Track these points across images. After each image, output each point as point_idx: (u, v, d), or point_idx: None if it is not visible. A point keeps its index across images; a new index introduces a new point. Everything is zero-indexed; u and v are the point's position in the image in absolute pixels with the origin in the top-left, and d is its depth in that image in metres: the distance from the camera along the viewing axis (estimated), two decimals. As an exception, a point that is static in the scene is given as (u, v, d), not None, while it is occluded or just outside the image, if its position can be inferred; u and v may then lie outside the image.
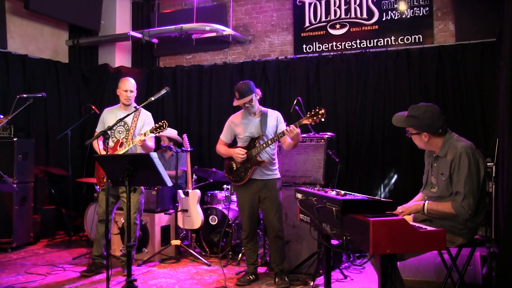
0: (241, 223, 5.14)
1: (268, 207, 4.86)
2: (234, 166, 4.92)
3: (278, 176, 4.96)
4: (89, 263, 5.42)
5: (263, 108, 4.97)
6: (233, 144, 5.12)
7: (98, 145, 5.37)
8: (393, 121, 3.69)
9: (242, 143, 4.94)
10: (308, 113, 4.45)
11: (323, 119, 4.37)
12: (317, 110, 4.38)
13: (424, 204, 3.36)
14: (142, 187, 5.44)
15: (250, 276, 4.94)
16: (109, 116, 5.44)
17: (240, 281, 4.89)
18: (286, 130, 4.51)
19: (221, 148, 5.04)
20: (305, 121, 4.45)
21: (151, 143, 5.31)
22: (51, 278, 5.22)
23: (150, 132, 4.99)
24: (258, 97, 4.89)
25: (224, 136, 5.06)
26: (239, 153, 4.79)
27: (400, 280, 3.28)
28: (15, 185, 5.73)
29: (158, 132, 4.98)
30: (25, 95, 4.83)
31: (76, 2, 7.85)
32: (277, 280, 4.85)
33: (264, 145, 4.70)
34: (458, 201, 3.27)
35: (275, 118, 4.92)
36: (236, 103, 4.83)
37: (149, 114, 5.51)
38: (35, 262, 5.93)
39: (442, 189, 3.43)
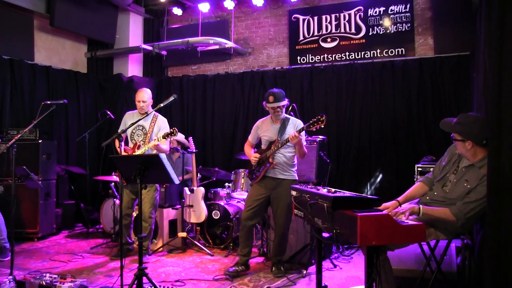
0: (242, 212, 4.97)
1: (277, 206, 4.79)
2: (253, 167, 4.91)
3: (294, 178, 4.83)
4: (118, 249, 5.45)
5: (286, 116, 4.88)
6: (258, 145, 5.10)
7: (118, 147, 5.37)
8: (440, 125, 3.45)
9: (263, 145, 4.92)
10: (311, 120, 4.32)
11: (322, 126, 4.25)
12: (319, 117, 4.25)
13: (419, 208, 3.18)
14: (158, 186, 5.45)
15: (240, 267, 4.78)
16: (128, 119, 5.49)
17: (228, 271, 4.72)
18: (289, 137, 4.46)
19: (246, 149, 5.08)
20: (306, 128, 4.35)
21: (165, 146, 5.33)
22: (72, 264, 5.25)
23: (163, 138, 5.01)
24: (285, 105, 4.84)
25: (251, 137, 5.06)
26: (253, 157, 4.85)
27: (390, 269, 3.26)
28: (40, 182, 5.74)
29: (170, 138, 5.01)
30: (48, 102, 4.81)
31: (94, 18, 7.88)
32: (273, 269, 4.83)
33: (275, 148, 4.67)
34: (459, 204, 3.15)
35: (294, 126, 4.80)
36: (270, 105, 4.71)
37: (165, 120, 5.51)
38: (57, 250, 5.95)
39: (458, 194, 3.25)
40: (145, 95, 5.40)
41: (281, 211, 4.77)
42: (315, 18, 7.62)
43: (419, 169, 5.65)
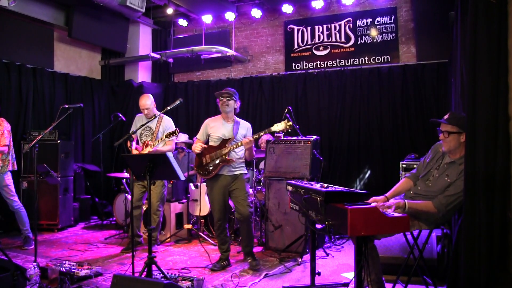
0: (214, 214, 4.72)
1: (237, 197, 4.59)
2: (204, 161, 4.59)
3: (245, 172, 4.71)
4: (129, 240, 5.43)
5: (236, 118, 4.74)
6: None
7: (131, 146, 5.36)
8: (431, 121, 3.48)
9: (213, 143, 4.64)
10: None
11: (290, 130, 4.29)
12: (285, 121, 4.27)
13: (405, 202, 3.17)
14: (165, 182, 5.43)
15: (224, 262, 4.61)
16: (138, 121, 5.48)
17: (215, 267, 4.55)
18: (244, 141, 4.39)
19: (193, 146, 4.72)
20: (268, 131, 4.35)
21: (168, 147, 5.31)
22: (88, 253, 5.27)
23: (166, 137, 5.00)
24: (235, 106, 4.66)
25: (200, 135, 4.76)
26: (199, 145, 4.57)
27: (377, 257, 3.28)
28: (59, 179, 5.76)
29: (172, 136, 4.97)
30: (66, 106, 4.82)
31: (107, 30, 7.88)
32: (249, 260, 4.62)
33: (234, 146, 4.46)
34: (440, 197, 3.15)
35: (246, 128, 4.71)
36: (218, 94, 4.65)
37: (170, 119, 5.45)
38: (75, 240, 5.96)
39: (439, 187, 3.26)
40: (147, 102, 5.32)
41: (241, 202, 4.59)
42: (309, 28, 7.64)
43: (403, 165, 5.68)
